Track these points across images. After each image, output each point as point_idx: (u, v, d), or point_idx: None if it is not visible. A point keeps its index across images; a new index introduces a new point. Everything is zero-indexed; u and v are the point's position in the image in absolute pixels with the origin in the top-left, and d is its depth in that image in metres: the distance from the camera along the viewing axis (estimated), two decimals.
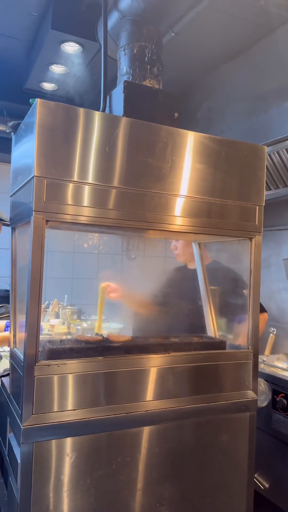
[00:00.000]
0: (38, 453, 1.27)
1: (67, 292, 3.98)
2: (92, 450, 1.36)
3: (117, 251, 3.51)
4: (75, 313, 3.32)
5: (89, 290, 4.27)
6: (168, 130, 1.46)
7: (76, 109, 1.32)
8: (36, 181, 1.26)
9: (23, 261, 1.57)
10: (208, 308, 1.97)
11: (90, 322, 3.01)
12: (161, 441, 1.48)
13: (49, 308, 3.21)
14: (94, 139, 1.34)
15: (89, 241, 4.01)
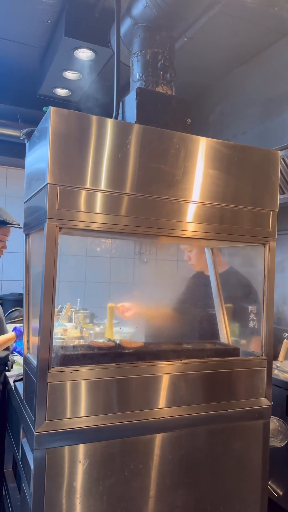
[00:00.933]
0: (51, 459, 1.28)
1: (79, 296, 4.00)
2: (104, 457, 1.36)
3: (129, 254, 3.52)
4: (88, 317, 3.33)
5: (102, 294, 4.30)
6: (181, 136, 1.46)
7: (89, 116, 1.33)
8: (50, 188, 1.27)
9: (37, 266, 1.59)
10: (221, 315, 1.96)
11: (102, 326, 3.01)
12: (174, 448, 1.47)
13: (62, 312, 3.23)
14: (106, 146, 1.35)
15: (102, 245, 4.02)
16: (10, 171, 4.02)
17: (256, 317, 1.97)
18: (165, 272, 3.04)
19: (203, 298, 2.15)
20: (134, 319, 2.38)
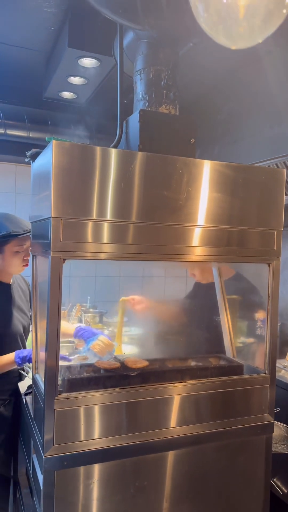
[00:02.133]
0: (59, 481, 1.34)
1: (89, 292, 4.05)
2: (111, 476, 1.42)
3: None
4: (97, 316, 3.39)
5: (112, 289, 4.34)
6: (184, 161, 1.46)
7: (91, 148, 1.33)
8: (53, 221, 1.29)
9: (43, 286, 1.62)
10: (226, 324, 1.98)
11: (111, 328, 3.07)
12: (179, 465, 1.52)
13: (72, 312, 3.29)
14: (110, 177, 1.35)
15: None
16: (19, 168, 4.03)
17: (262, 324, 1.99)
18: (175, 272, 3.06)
19: (208, 306, 2.18)
20: (144, 314, 2.41)
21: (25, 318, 2.15)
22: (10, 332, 2.00)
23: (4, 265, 2.02)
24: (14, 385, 2.06)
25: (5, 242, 1.98)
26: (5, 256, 2.00)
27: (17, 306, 2.11)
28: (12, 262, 2.01)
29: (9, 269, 2.04)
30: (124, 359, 1.64)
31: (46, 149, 1.39)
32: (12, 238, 1.97)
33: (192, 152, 1.63)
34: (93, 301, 3.95)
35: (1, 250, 2.00)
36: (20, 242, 2.02)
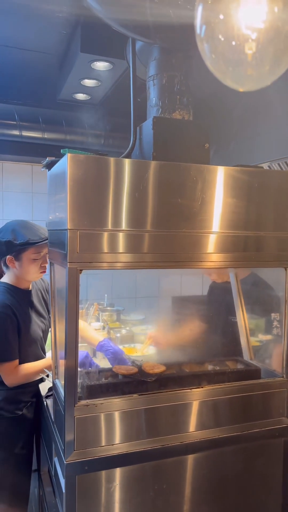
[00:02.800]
0: (81, 485, 1.38)
1: (106, 289, 4.08)
2: (131, 480, 1.45)
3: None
4: (114, 315, 3.42)
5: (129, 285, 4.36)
6: (197, 168, 1.46)
7: (105, 159, 1.34)
8: (70, 233, 1.31)
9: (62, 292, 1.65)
10: (243, 328, 1.98)
11: (128, 327, 3.10)
12: (197, 468, 1.55)
13: (90, 311, 3.33)
14: (124, 187, 1.36)
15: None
16: (35, 168, 4.08)
17: (279, 324, 1.98)
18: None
19: (224, 307, 2.18)
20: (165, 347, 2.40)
21: (44, 321, 2.19)
22: (30, 338, 2.04)
23: (22, 273, 2.05)
24: (35, 387, 2.11)
25: (23, 250, 2.00)
26: (23, 263, 2.02)
27: (36, 311, 2.16)
28: (30, 269, 2.03)
29: (27, 276, 2.06)
30: (141, 364, 1.66)
31: (61, 161, 1.40)
32: (29, 246, 1.99)
33: (206, 157, 1.63)
34: (110, 299, 3.98)
35: (19, 258, 2.02)
36: (38, 250, 2.03)
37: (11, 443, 2.02)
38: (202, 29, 0.68)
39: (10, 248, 1.99)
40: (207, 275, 2.36)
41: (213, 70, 0.73)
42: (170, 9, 1.06)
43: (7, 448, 2.02)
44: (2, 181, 3.97)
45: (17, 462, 2.05)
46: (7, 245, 1.98)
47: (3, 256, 2.03)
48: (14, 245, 1.97)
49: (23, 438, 2.06)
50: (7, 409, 2.00)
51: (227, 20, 0.64)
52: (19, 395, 2.04)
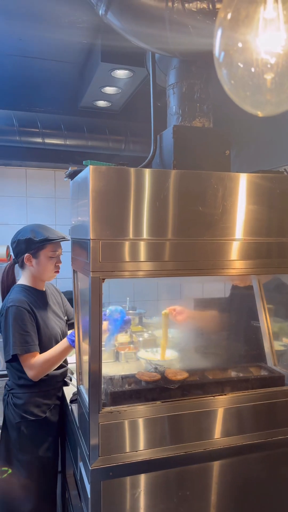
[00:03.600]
0: (106, 490, 1.40)
1: (128, 292, 4.11)
2: (155, 486, 1.46)
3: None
4: (137, 318, 3.44)
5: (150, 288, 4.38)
6: (218, 175, 1.46)
7: (126, 170, 1.36)
8: (92, 243, 1.34)
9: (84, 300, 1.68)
10: (266, 333, 1.96)
11: (151, 331, 3.11)
12: (222, 476, 1.55)
13: None
14: (145, 196, 1.38)
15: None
16: (57, 174, 4.14)
17: None
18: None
19: (247, 311, 2.16)
20: (185, 324, 2.42)
21: (61, 322, 2.25)
22: (48, 333, 2.10)
23: (39, 270, 2.13)
24: (58, 390, 2.15)
25: (41, 247, 2.09)
26: (40, 261, 2.11)
27: (53, 311, 2.22)
28: (47, 267, 2.12)
29: (43, 274, 2.15)
30: (164, 370, 1.67)
31: (83, 172, 1.43)
32: (47, 243, 2.09)
33: (227, 164, 1.63)
34: (131, 302, 4.01)
35: (37, 255, 2.11)
36: (54, 248, 2.13)
37: (36, 446, 2.07)
38: (221, 55, 0.68)
39: (29, 245, 2.09)
40: (229, 279, 2.35)
41: (232, 95, 0.73)
42: (190, 24, 1.07)
43: (32, 451, 2.06)
44: (26, 187, 4.05)
45: (42, 465, 2.09)
46: (27, 242, 2.09)
47: (22, 255, 2.12)
48: (33, 242, 2.08)
49: (47, 440, 2.10)
50: (31, 412, 2.05)
51: (245, 47, 0.65)
52: (42, 398, 2.08)
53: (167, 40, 1.18)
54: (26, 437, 2.05)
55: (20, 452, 2.06)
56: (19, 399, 2.05)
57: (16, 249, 2.14)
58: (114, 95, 2.75)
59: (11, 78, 2.89)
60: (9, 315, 1.99)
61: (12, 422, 2.06)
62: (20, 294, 2.09)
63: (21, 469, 2.06)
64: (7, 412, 2.09)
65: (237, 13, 0.64)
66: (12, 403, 2.07)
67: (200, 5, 1.07)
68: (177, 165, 1.55)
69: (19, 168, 3.96)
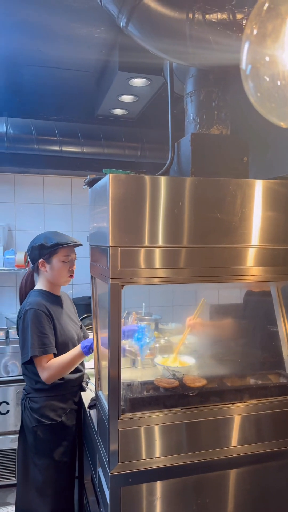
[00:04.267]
0: (125, 497, 1.40)
1: (143, 298, 4.11)
2: (174, 493, 1.46)
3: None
4: (153, 323, 3.45)
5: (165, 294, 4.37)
6: (237, 182, 1.46)
7: (145, 178, 1.38)
8: (112, 250, 1.35)
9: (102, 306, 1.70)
10: (285, 338, 1.94)
11: (167, 337, 3.11)
12: (241, 483, 1.54)
13: (128, 320, 3.37)
14: (164, 204, 1.39)
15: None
16: (74, 181, 4.19)
17: None
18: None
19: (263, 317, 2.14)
20: (204, 336, 2.41)
21: (77, 326, 2.31)
22: (65, 337, 2.13)
23: (53, 275, 2.18)
24: (74, 395, 2.17)
25: (54, 252, 2.14)
26: (53, 266, 2.16)
27: (69, 316, 2.26)
28: (60, 272, 2.17)
29: (58, 279, 2.19)
30: (182, 377, 1.67)
31: (103, 180, 1.45)
32: (59, 247, 2.14)
33: (245, 171, 1.63)
34: (147, 308, 4.01)
35: (50, 261, 2.16)
36: (66, 253, 2.17)
37: (52, 450, 2.08)
38: (247, 68, 0.70)
39: (42, 251, 2.15)
40: (246, 285, 2.34)
41: (258, 107, 0.74)
42: (210, 35, 1.08)
43: (48, 455, 2.07)
44: (44, 194, 4.11)
45: (59, 469, 2.10)
46: (39, 248, 2.15)
47: (36, 261, 2.18)
48: (45, 247, 2.14)
49: (63, 445, 2.11)
50: (47, 416, 2.06)
51: (272, 61, 0.65)
52: (59, 402, 2.10)
53: (187, 51, 1.20)
54: (42, 441, 2.06)
55: (36, 456, 2.07)
56: (35, 403, 2.08)
57: (31, 255, 2.20)
58: (131, 103, 2.78)
59: (30, 88, 2.95)
60: (27, 318, 2.03)
61: (29, 426, 2.08)
62: (37, 297, 2.13)
63: (38, 473, 2.07)
64: (24, 416, 2.12)
65: (264, 28, 0.65)
66: (29, 407, 2.09)
67: (220, 16, 1.08)
68: (195, 172, 1.56)
69: (37, 176, 4.03)
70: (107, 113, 3.04)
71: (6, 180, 3.97)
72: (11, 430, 3.33)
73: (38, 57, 2.45)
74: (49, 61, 2.50)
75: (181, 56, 1.28)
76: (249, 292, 2.48)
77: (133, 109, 2.94)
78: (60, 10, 1.97)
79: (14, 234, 4.03)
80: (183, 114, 1.72)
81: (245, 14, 1.10)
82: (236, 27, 1.09)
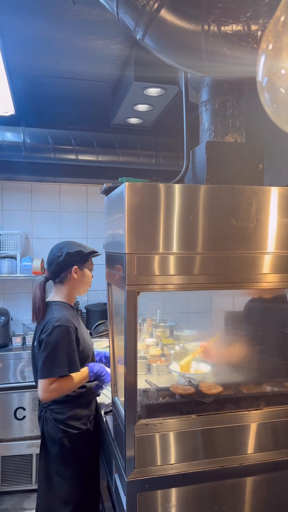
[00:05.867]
0: (142, 503, 1.41)
1: (158, 305, 4.12)
2: (190, 500, 1.46)
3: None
4: (168, 330, 3.45)
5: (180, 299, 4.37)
6: (252, 189, 1.47)
7: (161, 186, 1.40)
8: (128, 257, 1.37)
9: (118, 313, 1.71)
10: None
11: (182, 344, 3.11)
12: (258, 491, 1.53)
13: (143, 327, 3.38)
14: (179, 211, 1.41)
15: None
16: (89, 189, 4.24)
17: None
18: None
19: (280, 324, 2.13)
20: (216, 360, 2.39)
21: (89, 335, 2.27)
22: (87, 350, 2.14)
23: (82, 282, 2.17)
24: (94, 401, 2.18)
25: (86, 260, 2.16)
26: (84, 273, 2.16)
27: (84, 327, 2.24)
28: (89, 280, 2.20)
29: (82, 288, 2.19)
30: (198, 384, 1.68)
31: (119, 188, 1.48)
32: (93, 255, 2.19)
33: (260, 178, 1.64)
34: (162, 314, 4.02)
35: (82, 268, 2.15)
36: (92, 261, 2.22)
37: (79, 459, 2.05)
38: (264, 80, 0.71)
39: (78, 258, 2.12)
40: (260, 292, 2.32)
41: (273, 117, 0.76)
42: (225, 46, 1.10)
43: (75, 465, 2.04)
44: (60, 202, 4.17)
45: (85, 478, 2.08)
46: (77, 254, 2.12)
47: (69, 267, 2.11)
48: (84, 254, 2.13)
49: (89, 453, 2.10)
50: (73, 426, 2.03)
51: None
52: (82, 410, 2.07)
53: (202, 63, 1.22)
54: (68, 451, 2.02)
55: (62, 467, 2.03)
56: (59, 414, 2.03)
57: (63, 261, 2.10)
58: (146, 112, 2.82)
59: (47, 98, 3.02)
60: (56, 335, 1.96)
61: (53, 437, 2.03)
62: (63, 311, 2.07)
63: (63, 484, 2.03)
64: (47, 428, 2.06)
65: (279, 42, 0.67)
66: (52, 418, 2.04)
67: (235, 27, 1.11)
68: (210, 180, 1.57)
69: (53, 184, 4.09)
70: (122, 122, 3.08)
71: (23, 189, 4.05)
72: (27, 435, 3.36)
73: (55, 68, 2.51)
74: (65, 72, 2.56)
75: (197, 67, 1.30)
76: (254, 299, 2.46)
77: (148, 118, 2.97)
78: (76, 23, 2.02)
79: (31, 241, 4.09)
80: (197, 122, 1.75)
81: (259, 25, 1.12)
82: (251, 38, 1.11)
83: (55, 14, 1.96)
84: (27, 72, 2.59)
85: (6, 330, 3.53)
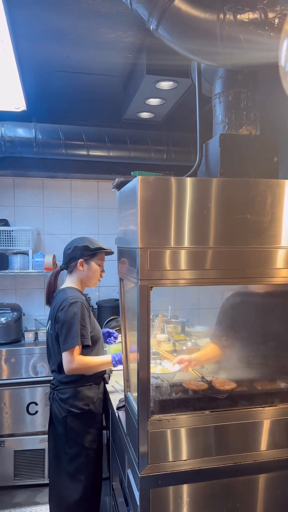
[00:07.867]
0: (155, 498, 1.40)
1: (169, 300, 4.10)
2: (204, 496, 1.45)
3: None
4: (179, 326, 3.44)
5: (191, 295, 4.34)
6: (266, 183, 1.44)
7: (173, 179, 1.38)
8: (141, 252, 1.36)
9: (131, 308, 1.70)
10: None
11: (193, 340, 3.09)
12: (272, 489, 1.51)
13: (155, 322, 3.37)
14: (192, 205, 1.39)
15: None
16: (100, 184, 4.23)
17: None
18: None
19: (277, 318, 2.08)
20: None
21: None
22: (98, 333, 2.34)
23: (88, 276, 2.38)
24: (98, 385, 2.30)
25: (94, 255, 2.36)
26: (90, 267, 2.37)
27: (93, 316, 2.42)
28: (95, 274, 2.39)
29: (90, 280, 2.40)
30: (211, 380, 1.66)
31: (131, 183, 1.46)
32: (99, 251, 2.38)
33: (275, 171, 1.61)
34: (173, 310, 4.00)
35: (89, 262, 2.37)
36: (102, 258, 2.42)
37: (82, 438, 2.20)
38: (287, 64, 0.69)
39: (85, 251, 2.34)
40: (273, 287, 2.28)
41: None
42: (242, 35, 1.08)
43: (79, 443, 2.20)
44: (71, 198, 4.17)
45: (89, 456, 2.22)
46: (83, 249, 2.35)
47: (76, 260, 2.35)
48: (89, 249, 2.35)
49: (92, 432, 2.22)
50: (76, 405, 2.19)
51: None
52: (85, 392, 2.23)
53: (218, 52, 1.19)
54: (72, 430, 2.19)
55: (67, 445, 2.20)
56: (64, 394, 2.21)
57: (71, 253, 2.36)
58: (158, 106, 2.79)
59: (58, 94, 3.01)
60: (73, 309, 2.18)
61: (58, 417, 2.21)
62: (77, 292, 2.31)
63: (69, 461, 2.19)
64: (54, 408, 2.25)
65: None
66: (57, 398, 2.22)
67: (252, 15, 1.08)
68: (224, 173, 1.55)
69: (65, 180, 4.09)
70: (134, 116, 3.06)
71: (35, 185, 4.05)
72: (39, 430, 3.38)
73: (66, 63, 2.50)
74: (77, 66, 2.54)
75: (212, 57, 1.28)
76: (237, 293, 2.38)
77: (159, 112, 2.95)
78: (88, 15, 2.00)
79: (42, 237, 4.10)
80: (210, 116, 1.72)
81: (277, 13, 1.09)
82: (268, 26, 1.08)
83: (67, 7, 1.95)
84: (38, 67, 2.58)
85: (19, 326, 3.55)
